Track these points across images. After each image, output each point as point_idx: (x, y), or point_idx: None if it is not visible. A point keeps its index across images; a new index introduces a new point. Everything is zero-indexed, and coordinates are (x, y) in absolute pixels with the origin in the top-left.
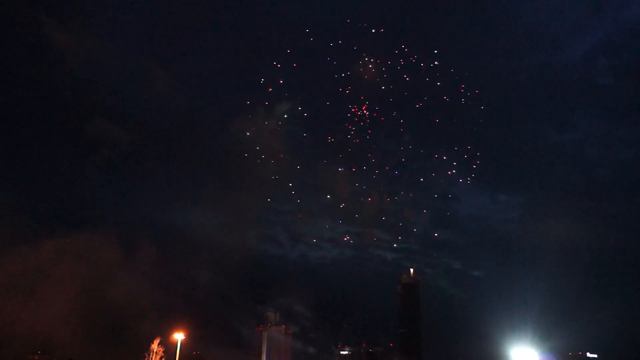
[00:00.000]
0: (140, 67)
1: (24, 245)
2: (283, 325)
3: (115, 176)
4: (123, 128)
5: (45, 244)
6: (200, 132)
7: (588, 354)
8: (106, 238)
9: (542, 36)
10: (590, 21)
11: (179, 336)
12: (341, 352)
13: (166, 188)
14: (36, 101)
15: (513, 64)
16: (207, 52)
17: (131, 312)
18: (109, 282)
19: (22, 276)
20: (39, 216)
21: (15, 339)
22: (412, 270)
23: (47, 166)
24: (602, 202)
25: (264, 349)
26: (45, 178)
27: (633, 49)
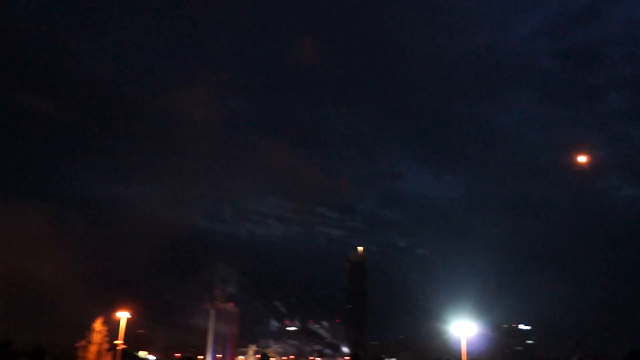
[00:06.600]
0: (61, 38)
1: None
2: (231, 303)
3: (44, 149)
4: (51, 100)
5: None
6: (133, 104)
7: (521, 326)
8: (35, 212)
9: (486, 17)
10: (534, 3)
11: (123, 314)
12: (287, 328)
13: (101, 162)
14: None
15: (458, 44)
16: (135, 20)
17: (64, 290)
18: (37, 259)
19: None
20: None
21: None
22: (360, 248)
23: None
24: (540, 184)
25: (211, 326)
26: None
27: (574, 33)
